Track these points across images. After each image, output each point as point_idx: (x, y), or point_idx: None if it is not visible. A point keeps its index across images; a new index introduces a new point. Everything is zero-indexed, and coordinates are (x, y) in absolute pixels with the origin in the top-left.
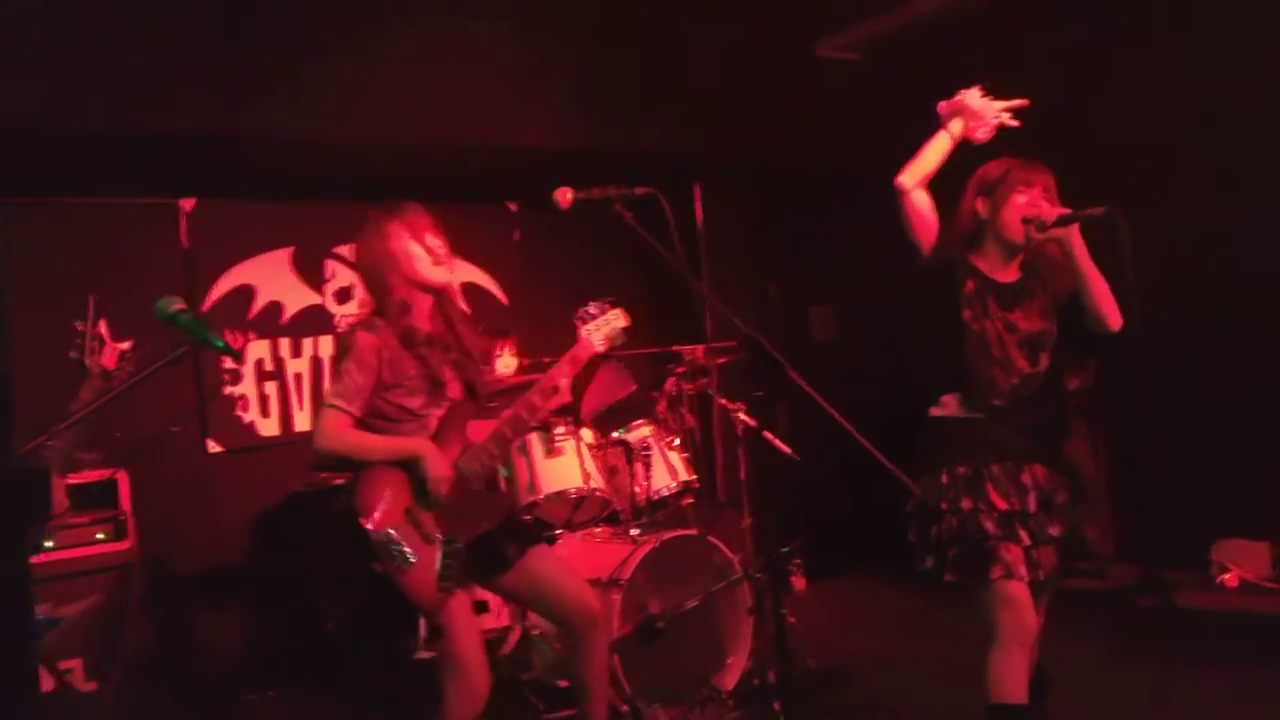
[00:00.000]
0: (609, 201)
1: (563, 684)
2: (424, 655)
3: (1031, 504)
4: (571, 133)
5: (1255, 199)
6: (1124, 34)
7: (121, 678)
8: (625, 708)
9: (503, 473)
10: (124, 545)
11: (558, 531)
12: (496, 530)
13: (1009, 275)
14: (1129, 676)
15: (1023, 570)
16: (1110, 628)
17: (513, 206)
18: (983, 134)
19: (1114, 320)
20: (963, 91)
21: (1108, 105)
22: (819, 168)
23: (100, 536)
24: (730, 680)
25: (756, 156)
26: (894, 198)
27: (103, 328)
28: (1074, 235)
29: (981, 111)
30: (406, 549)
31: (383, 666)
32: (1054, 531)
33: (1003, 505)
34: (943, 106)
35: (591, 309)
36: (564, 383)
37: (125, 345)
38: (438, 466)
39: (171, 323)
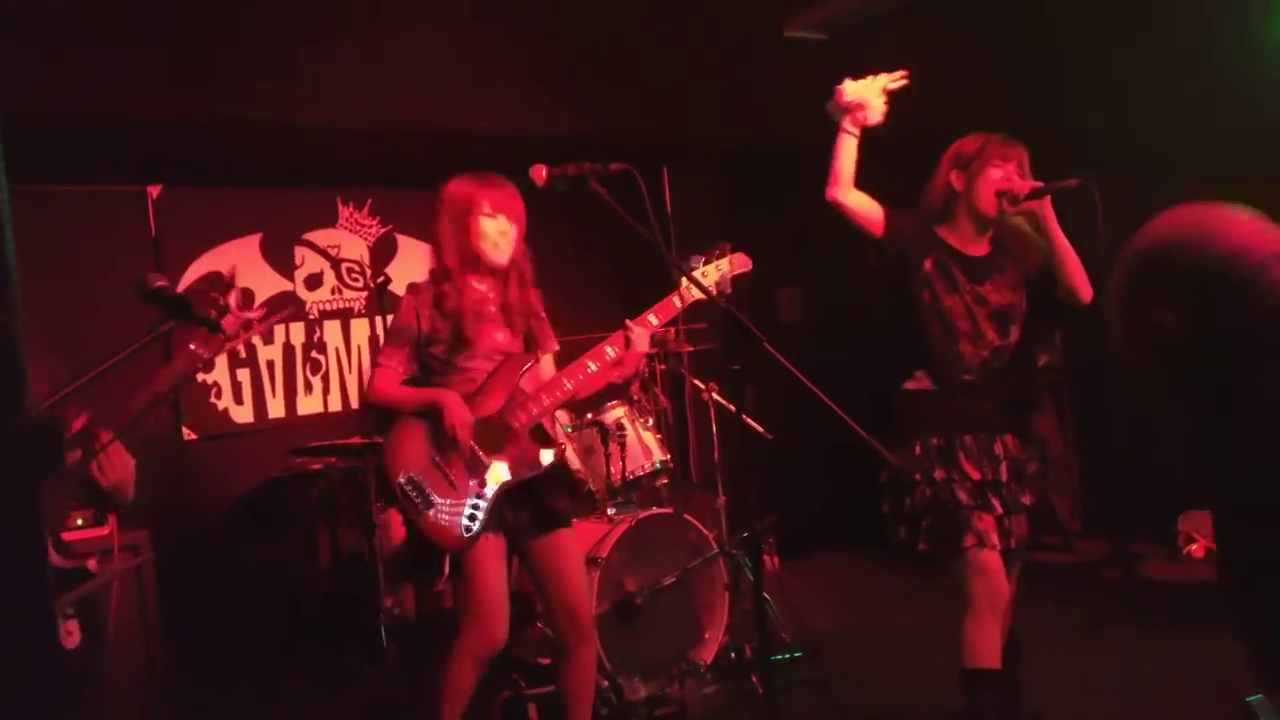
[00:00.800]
0: (584, 178)
1: (544, 661)
2: (441, 588)
3: (1003, 473)
4: (538, 116)
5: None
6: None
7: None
8: (605, 682)
9: (562, 428)
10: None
11: None
12: (549, 483)
13: (979, 249)
14: (1098, 645)
15: (995, 539)
16: (1079, 599)
17: None
18: (875, 117)
19: (1085, 292)
20: (837, 89)
21: (1076, 82)
22: (786, 149)
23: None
24: (708, 654)
25: (723, 138)
26: (859, 178)
27: (234, 297)
28: (1046, 208)
29: (862, 99)
30: (430, 493)
31: (359, 650)
32: (1026, 500)
33: (975, 475)
34: (829, 108)
35: (700, 256)
36: (646, 333)
37: (255, 314)
38: (455, 414)
39: (154, 301)
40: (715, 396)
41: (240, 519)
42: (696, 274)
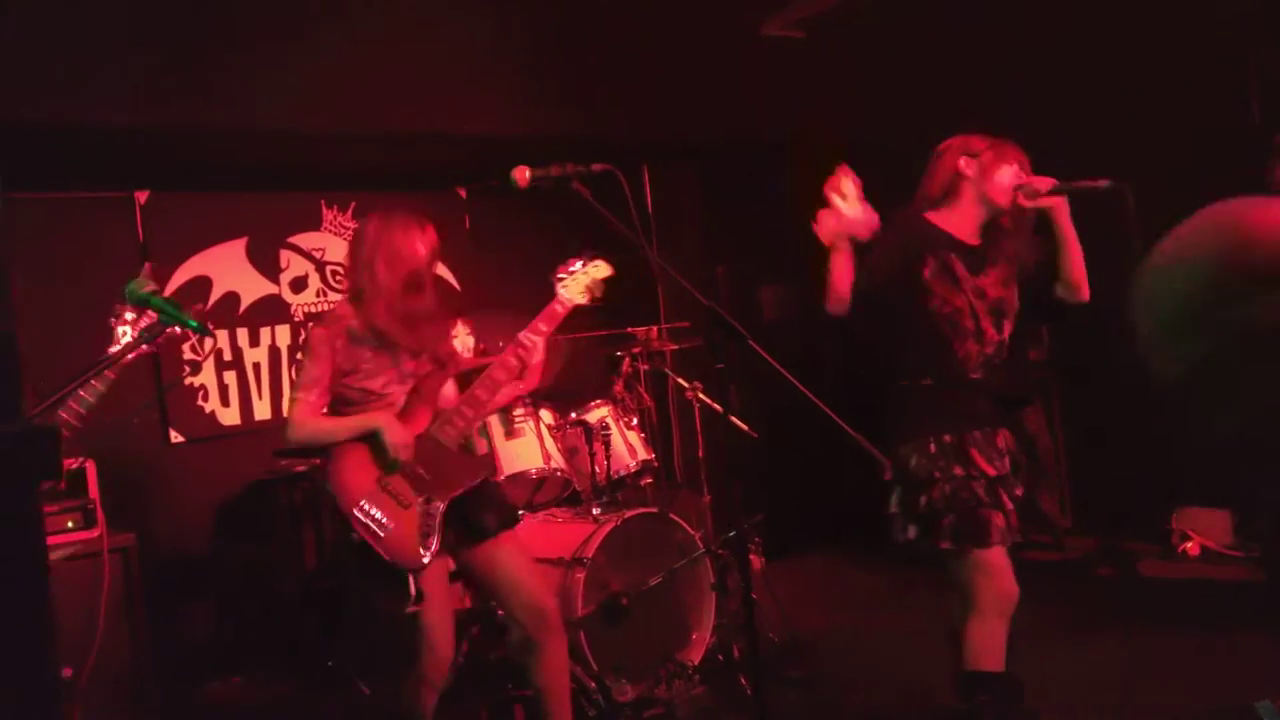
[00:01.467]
0: (566, 179)
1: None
2: (414, 609)
3: (1007, 467)
4: (519, 118)
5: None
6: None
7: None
8: (592, 684)
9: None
10: (93, 533)
11: (520, 513)
12: (476, 497)
13: (974, 239)
14: (1093, 644)
15: (1005, 538)
16: (1071, 598)
17: (462, 192)
18: (863, 231)
19: (1084, 291)
20: (820, 216)
21: (1056, 80)
22: (767, 147)
23: (70, 525)
24: (695, 655)
25: (704, 137)
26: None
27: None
28: (1062, 206)
29: (849, 218)
30: (381, 516)
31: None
32: (1019, 493)
33: (990, 471)
34: (824, 237)
35: (571, 264)
36: (539, 340)
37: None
38: (395, 433)
39: (144, 304)
40: (700, 395)
41: (227, 520)
42: (572, 279)
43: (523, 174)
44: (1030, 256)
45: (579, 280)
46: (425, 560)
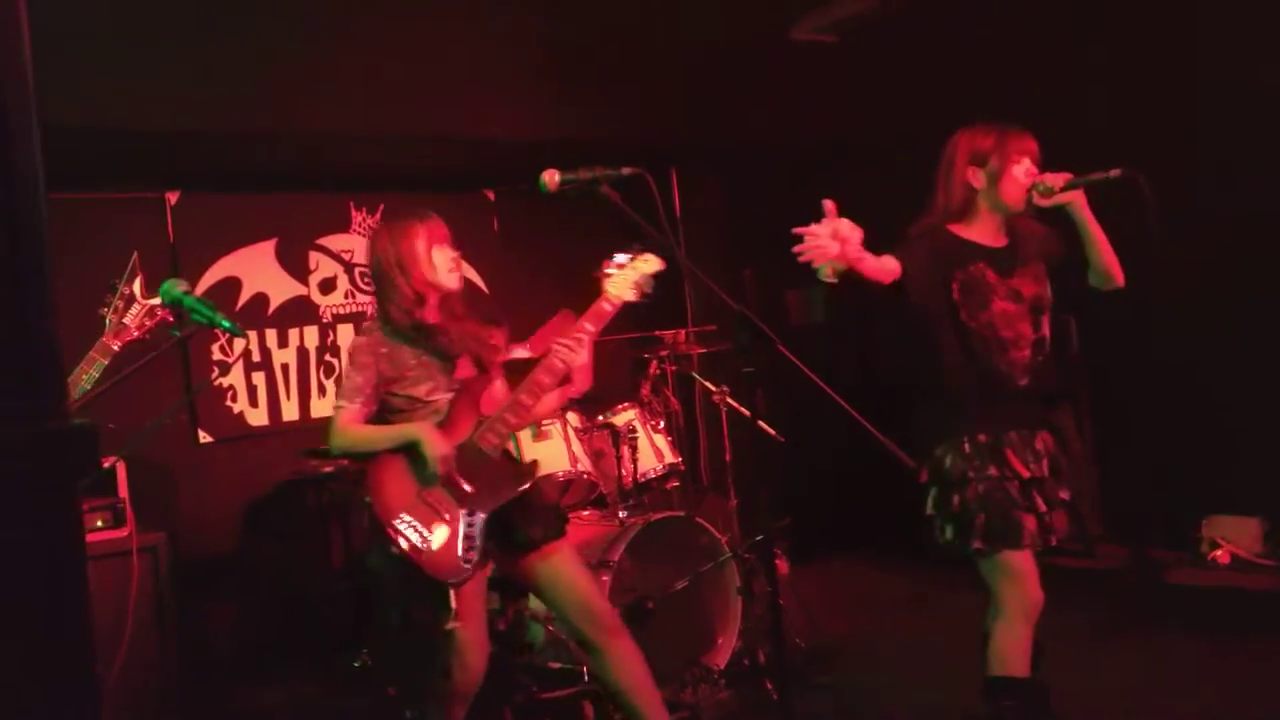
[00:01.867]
0: (595, 182)
1: (554, 665)
2: (453, 626)
3: (1045, 469)
4: (547, 121)
5: (1239, 176)
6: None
7: (123, 663)
8: None
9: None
10: (122, 533)
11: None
12: (518, 508)
13: (999, 241)
14: (1122, 651)
15: (1038, 541)
16: (1101, 605)
17: (490, 195)
18: (853, 251)
19: (1119, 276)
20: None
21: (1088, 83)
22: (795, 151)
23: (100, 524)
24: (721, 659)
25: (733, 141)
26: (870, 179)
27: (137, 286)
28: (1081, 199)
29: (841, 239)
30: (422, 529)
31: (371, 652)
32: (1064, 495)
33: (1025, 473)
34: (829, 276)
35: (618, 258)
36: (586, 340)
37: (155, 301)
38: (435, 445)
39: (177, 305)
40: (727, 399)
41: (254, 520)
42: (620, 275)
43: (552, 177)
44: (1054, 249)
45: (627, 275)
46: (466, 572)
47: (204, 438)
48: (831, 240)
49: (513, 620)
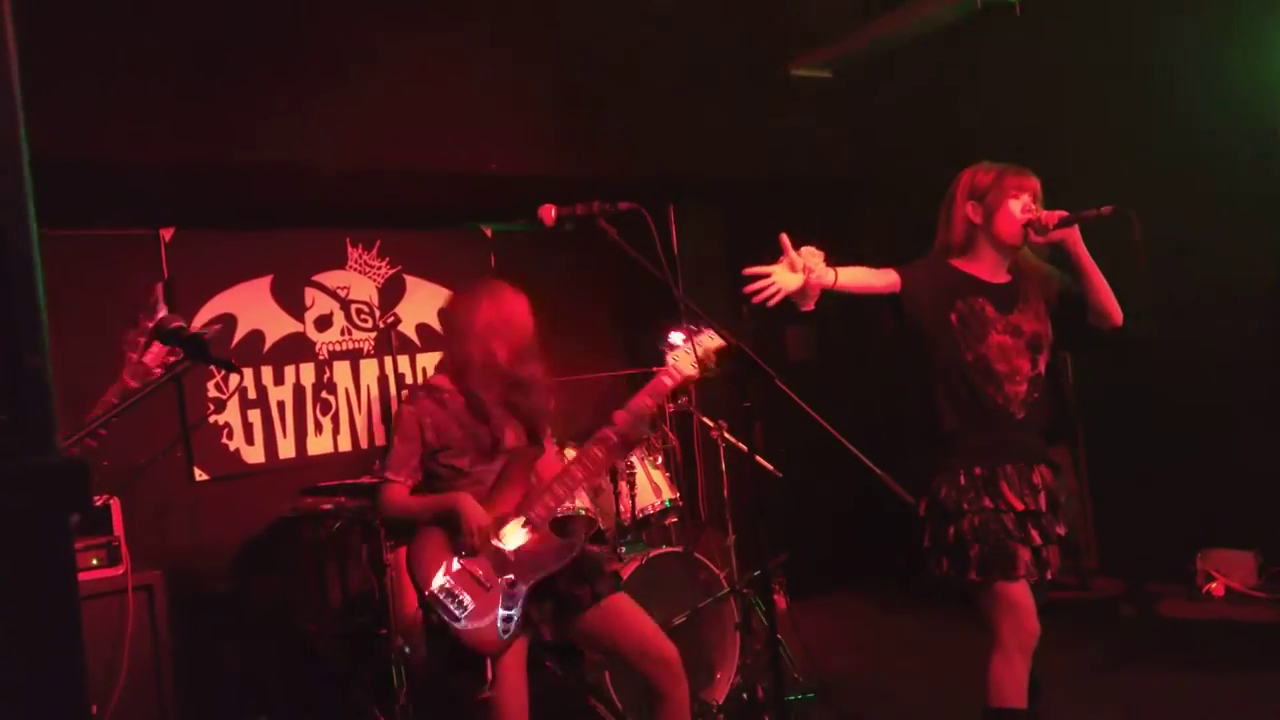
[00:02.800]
0: (593, 217)
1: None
2: (486, 696)
3: (1042, 503)
4: (545, 158)
5: (1232, 210)
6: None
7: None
8: None
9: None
10: (117, 571)
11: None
12: (564, 574)
13: (1002, 277)
14: (1117, 684)
15: (1034, 573)
16: (1096, 638)
17: (488, 231)
18: (816, 279)
19: (1116, 315)
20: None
21: (1077, 118)
22: (793, 186)
23: (94, 562)
24: (719, 695)
25: (731, 177)
26: (867, 215)
27: (161, 313)
28: (1075, 235)
29: (804, 269)
30: (464, 598)
31: (370, 691)
32: (1060, 531)
33: (1019, 505)
34: (807, 305)
35: (674, 338)
36: (645, 414)
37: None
38: (474, 517)
39: (172, 342)
40: (725, 434)
41: (251, 558)
42: (683, 351)
43: (549, 212)
44: (1053, 288)
45: (687, 355)
46: (504, 644)
47: (200, 475)
48: (790, 273)
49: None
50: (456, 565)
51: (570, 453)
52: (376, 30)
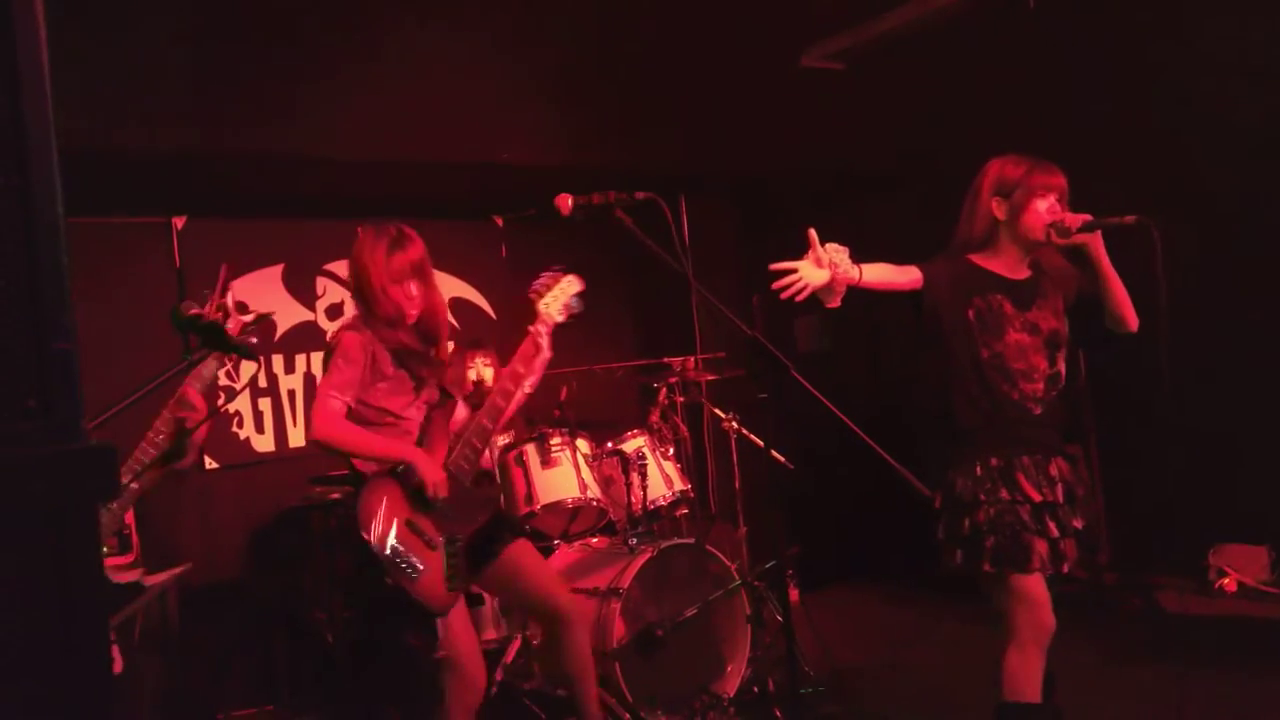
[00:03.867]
0: (609, 207)
1: (562, 693)
2: (442, 654)
3: (1059, 495)
4: (556, 148)
5: (1245, 205)
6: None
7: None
8: (627, 716)
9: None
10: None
11: (555, 542)
12: (490, 524)
13: (1021, 273)
14: (1129, 679)
15: (1049, 565)
16: (1107, 632)
17: (499, 221)
18: (842, 274)
19: (1133, 322)
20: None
21: (1089, 109)
22: (805, 178)
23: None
24: (730, 688)
25: (742, 168)
26: (878, 207)
27: (230, 299)
28: (1097, 241)
29: (829, 265)
30: (414, 558)
31: (381, 677)
32: (1077, 524)
33: (1036, 497)
34: (833, 301)
35: (544, 279)
36: (529, 364)
37: (249, 317)
38: (431, 471)
39: (189, 328)
40: (736, 426)
41: (260, 547)
42: (549, 296)
43: (565, 202)
44: (1073, 287)
45: (557, 298)
46: (453, 601)
47: (210, 463)
48: (817, 269)
49: (519, 650)
50: (406, 523)
51: (582, 443)
52: (390, 21)
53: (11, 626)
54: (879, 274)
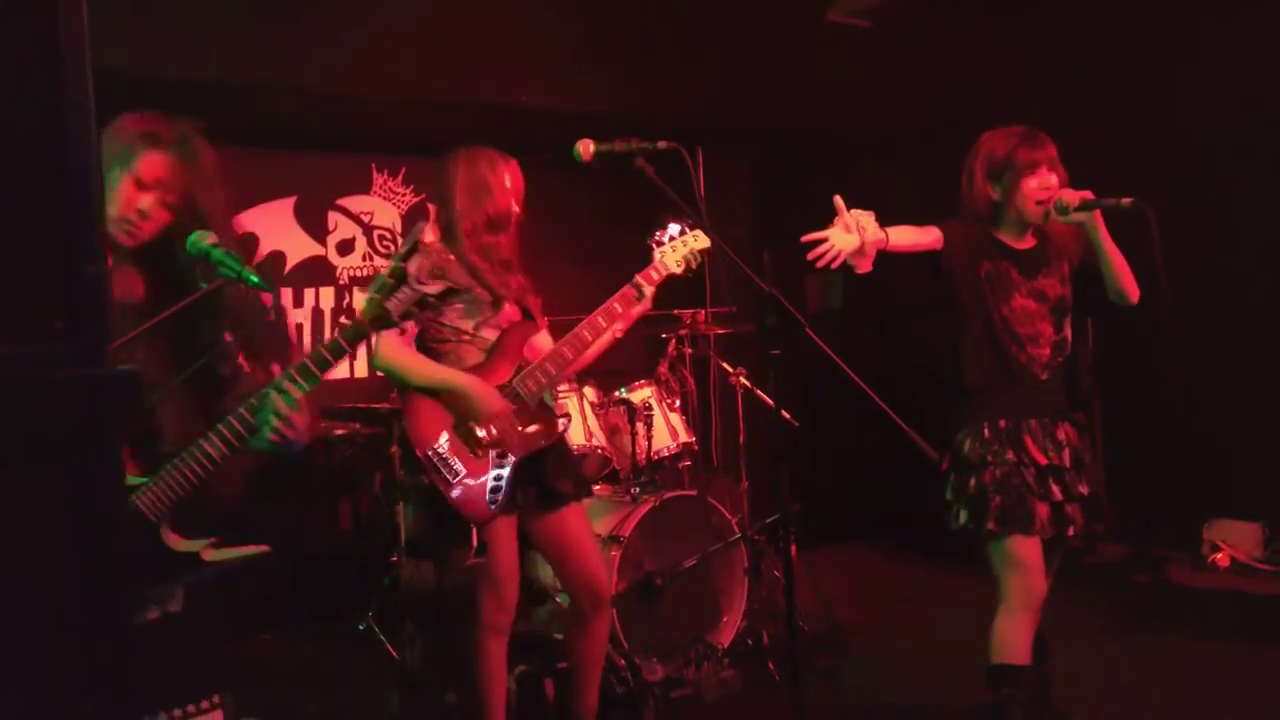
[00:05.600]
0: (631, 155)
1: (559, 637)
2: (474, 561)
3: (1066, 459)
4: (573, 92)
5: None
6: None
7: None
8: (622, 661)
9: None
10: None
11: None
12: (554, 461)
13: (1027, 243)
14: (1121, 649)
15: (1049, 529)
16: (1103, 602)
17: None
18: (872, 237)
19: (1134, 294)
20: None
21: (1114, 73)
22: (822, 135)
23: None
24: (725, 639)
25: (761, 122)
26: (895, 168)
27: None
28: (1097, 219)
29: (860, 238)
30: (455, 464)
31: (378, 618)
32: (1083, 490)
33: (1041, 460)
34: (865, 265)
35: (671, 229)
36: (628, 308)
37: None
38: (489, 402)
39: (204, 257)
40: (743, 381)
41: (262, 480)
42: (670, 247)
43: (587, 148)
44: (1076, 253)
45: (677, 249)
46: (492, 513)
47: None
48: (846, 234)
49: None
50: (454, 429)
51: (589, 391)
52: None
53: (32, 555)
54: (905, 236)
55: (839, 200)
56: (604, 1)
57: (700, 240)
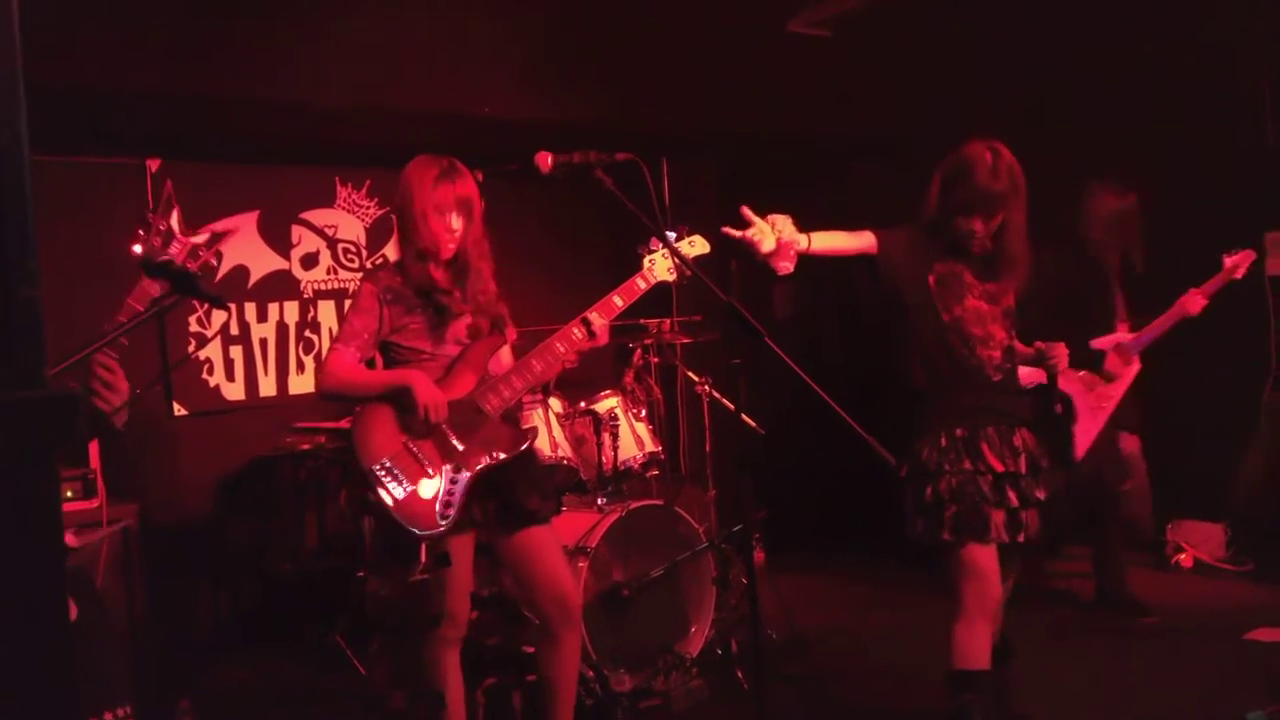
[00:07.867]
0: (589, 167)
1: (529, 650)
2: (421, 576)
3: (1022, 466)
4: (538, 103)
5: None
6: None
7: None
8: (591, 673)
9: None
10: (93, 504)
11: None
12: (521, 476)
13: (983, 246)
14: (1083, 651)
15: (1004, 535)
16: (1065, 604)
17: (479, 175)
18: (786, 242)
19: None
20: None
21: (1081, 79)
22: (787, 144)
23: (69, 495)
24: (694, 648)
25: (725, 131)
26: (858, 174)
27: (174, 220)
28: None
29: (778, 243)
30: (400, 476)
31: (343, 631)
32: (1040, 495)
33: (999, 467)
34: (785, 267)
35: (669, 235)
36: (606, 317)
37: (200, 238)
38: (426, 392)
39: (159, 274)
40: (709, 390)
41: (228, 496)
42: (661, 256)
43: (545, 160)
44: (1023, 280)
45: (666, 259)
46: (441, 529)
47: (179, 410)
48: (764, 235)
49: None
50: (403, 444)
51: (554, 401)
52: None
53: None
54: (828, 241)
55: (745, 210)
56: (568, 13)
57: (697, 246)
